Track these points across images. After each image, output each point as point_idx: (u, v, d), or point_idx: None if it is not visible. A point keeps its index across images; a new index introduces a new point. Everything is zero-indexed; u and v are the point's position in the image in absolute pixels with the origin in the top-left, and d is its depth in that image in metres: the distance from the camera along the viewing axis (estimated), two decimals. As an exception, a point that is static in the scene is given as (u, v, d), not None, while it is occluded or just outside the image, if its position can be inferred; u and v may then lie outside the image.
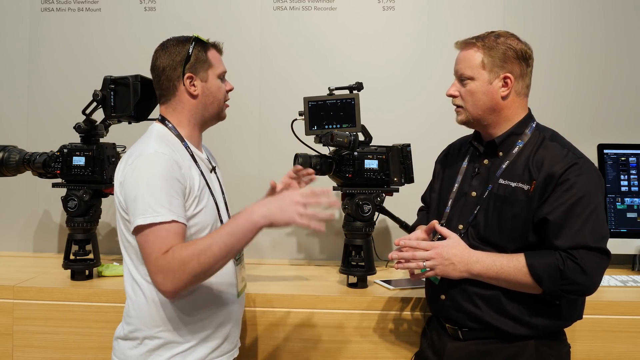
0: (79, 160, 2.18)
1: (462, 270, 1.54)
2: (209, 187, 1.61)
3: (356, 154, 2.13)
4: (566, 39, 2.69)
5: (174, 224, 1.42)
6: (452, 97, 1.65)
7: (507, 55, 1.57)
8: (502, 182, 1.58)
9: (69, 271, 2.18)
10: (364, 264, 2.12)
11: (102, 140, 2.27)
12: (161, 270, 1.38)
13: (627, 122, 2.68)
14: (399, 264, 1.59)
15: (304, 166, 2.08)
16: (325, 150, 2.17)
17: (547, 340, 1.57)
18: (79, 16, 2.78)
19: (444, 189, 1.76)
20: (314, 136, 2.12)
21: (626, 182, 2.49)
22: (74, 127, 2.20)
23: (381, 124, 2.46)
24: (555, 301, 1.54)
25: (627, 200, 2.47)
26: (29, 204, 2.78)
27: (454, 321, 1.63)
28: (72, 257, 2.19)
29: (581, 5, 2.69)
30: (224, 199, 1.71)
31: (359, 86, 2.17)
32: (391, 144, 2.19)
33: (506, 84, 1.58)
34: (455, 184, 1.71)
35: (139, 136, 1.62)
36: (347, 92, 2.15)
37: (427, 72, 2.70)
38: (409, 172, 2.18)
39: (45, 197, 2.75)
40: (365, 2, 2.73)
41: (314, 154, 2.15)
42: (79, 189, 2.18)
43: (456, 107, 1.66)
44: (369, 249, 2.15)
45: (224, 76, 1.68)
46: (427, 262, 1.55)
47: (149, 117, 2.00)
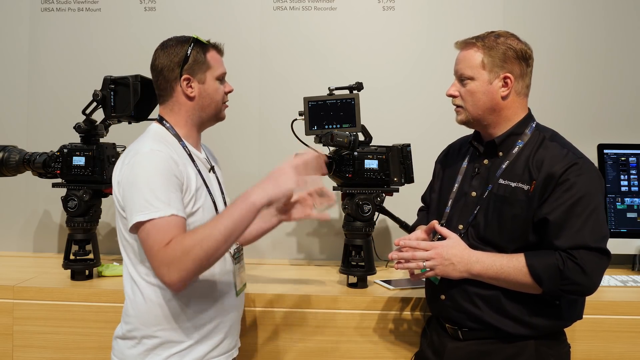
0: (79, 160, 2.18)
1: (462, 270, 1.54)
2: (207, 187, 1.61)
3: (356, 154, 2.13)
4: (566, 39, 2.69)
5: (173, 217, 1.42)
6: (452, 97, 1.65)
7: (507, 55, 1.57)
8: (502, 182, 1.58)
9: (69, 271, 2.18)
10: (364, 264, 2.12)
11: (102, 140, 2.27)
12: (165, 261, 1.37)
13: (627, 122, 2.68)
14: (398, 264, 1.59)
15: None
16: (325, 150, 2.17)
17: (547, 340, 1.57)
18: (79, 16, 2.78)
19: (444, 189, 1.76)
20: (314, 136, 2.12)
21: (626, 182, 2.49)
22: (74, 127, 2.20)
23: (381, 124, 2.46)
24: (555, 301, 1.54)
25: (627, 200, 2.47)
26: (29, 204, 2.78)
27: (454, 321, 1.63)
28: (72, 257, 2.19)
29: (581, 5, 2.69)
30: (224, 198, 1.70)
31: (359, 86, 2.17)
32: (391, 144, 2.19)
33: (506, 84, 1.58)
34: (455, 184, 1.71)
35: (139, 136, 1.62)
36: (347, 92, 2.15)
37: (427, 72, 2.70)
38: (409, 172, 2.18)
39: (45, 197, 2.75)
40: (365, 2, 2.73)
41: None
42: (79, 189, 2.18)
43: (456, 107, 1.66)
44: (369, 249, 2.15)
45: (223, 78, 1.67)
46: (427, 262, 1.55)
47: (149, 117, 2.01)
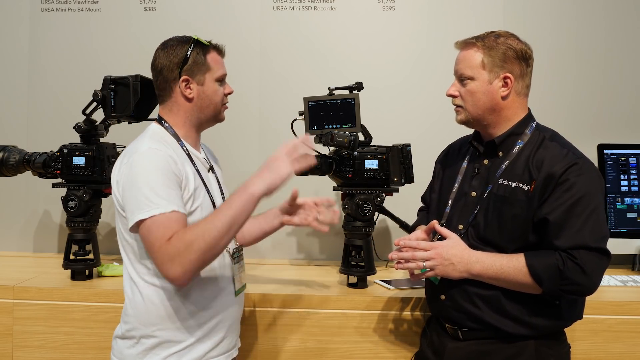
0: (79, 160, 2.18)
1: (461, 270, 1.54)
2: (206, 186, 1.61)
3: (356, 154, 2.13)
4: (566, 39, 2.69)
5: (174, 213, 1.42)
6: (452, 97, 1.65)
7: (507, 55, 1.57)
8: (502, 182, 1.58)
9: (69, 271, 2.18)
10: (364, 264, 2.12)
11: (102, 140, 2.27)
12: (168, 256, 1.37)
13: (627, 122, 2.68)
14: (398, 264, 1.59)
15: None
16: (325, 150, 2.17)
17: (547, 340, 1.57)
18: (79, 16, 2.78)
19: (444, 189, 1.76)
20: (314, 136, 2.12)
21: (626, 182, 2.49)
22: (74, 127, 2.20)
23: (381, 124, 2.46)
24: (555, 301, 1.54)
25: (627, 200, 2.47)
26: (29, 204, 2.78)
27: (454, 321, 1.63)
28: (72, 257, 2.19)
29: (581, 5, 2.69)
30: (223, 198, 1.70)
31: (359, 86, 2.17)
32: (391, 144, 2.19)
33: (506, 84, 1.58)
34: (455, 184, 1.71)
35: (138, 136, 1.62)
36: (347, 92, 2.15)
37: (427, 72, 2.70)
38: (409, 172, 2.18)
39: (45, 197, 2.75)
40: (365, 2, 2.73)
41: (314, 154, 2.14)
42: (79, 189, 2.18)
43: (456, 106, 1.65)
44: (369, 249, 2.15)
45: (223, 79, 1.66)
46: (427, 262, 1.55)
47: (149, 117, 2.01)
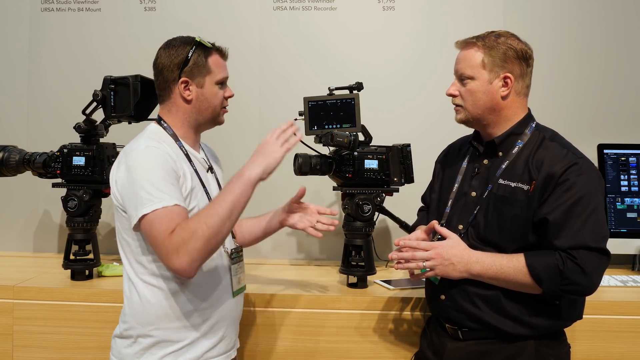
0: (79, 160, 2.18)
1: (461, 270, 1.54)
2: (204, 186, 1.61)
3: (356, 154, 2.13)
4: (566, 39, 2.69)
5: (176, 207, 1.43)
6: (452, 96, 1.65)
7: (507, 55, 1.57)
8: (501, 182, 1.58)
9: (69, 271, 2.18)
10: (364, 264, 2.12)
11: (102, 140, 2.27)
12: (173, 247, 1.38)
13: (627, 122, 2.68)
14: (398, 264, 1.58)
15: (304, 167, 2.09)
16: (325, 150, 2.17)
17: (547, 340, 1.57)
18: (79, 16, 2.78)
19: (444, 189, 1.76)
20: (314, 136, 2.12)
21: (626, 182, 2.49)
22: (74, 127, 2.20)
23: (381, 124, 2.46)
24: (555, 301, 1.54)
25: (627, 200, 2.47)
26: (29, 204, 2.78)
27: (454, 321, 1.63)
28: (72, 257, 2.19)
29: (581, 5, 2.69)
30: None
31: (359, 86, 2.16)
32: (391, 144, 2.19)
33: (506, 84, 1.58)
34: (455, 184, 1.71)
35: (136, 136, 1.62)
36: (347, 92, 2.15)
37: (427, 72, 2.70)
38: (409, 172, 2.18)
39: (45, 197, 2.75)
40: (365, 2, 2.73)
41: (314, 154, 2.15)
42: (79, 189, 2.18)
43: (455, 106, 1.65)
44: (369, 249, 2.15)
45: (224, 82, 1.65)
46: (426, 262, 1.55)
47: (149, 117, 2.00)
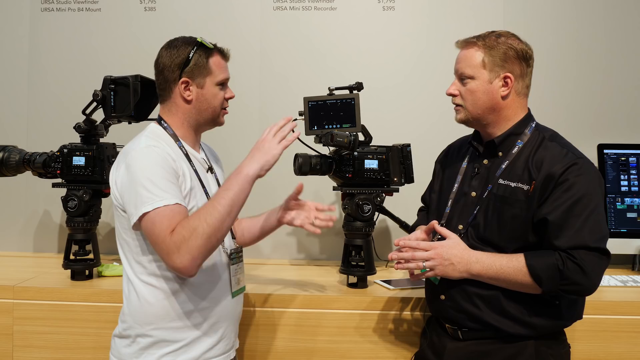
0: (79, 160, 2.18)
1: (461, 270, 1.54)
2: (203, 186, 1.61)
3: (356, 154, 2.13)
4: (566, 39, 2.69)
5: (177, 206, 1.44)
6: (452, 96, 1.65)
7: (507, 55, 1.57)
8: (501, 182, 1.58)
9: (69, 271, 2.18)
10: (364, 264, 2.12)
11: (102, 140, 2.27)
12: (174, 245, 1.38)
13: (627, 122, 2.68)
14: (398, 264, 1.59)
15: (304, 167, 2.09)
16: (325, 150, 2.17)
17: (547, 340, 1.57)
18: (79, 16, 2.78)
19: (443, 189, 1.76)
20: (314, 136, 2.12)
21: (626, 182, 2.49)
22: (74, 127, 2.20)
23: (381, 124, 2.46)
24: (555, 301, 1.54)
25: (627, 200, 2.47)
26: (29, 204, 2.78)
27: (454, 321, 1.63)
28: (72, 257, 2.19)
29: (581, 5, 2.69)
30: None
31: (359, 86, 2.16)
32: (391, 144, 2.19)
33: (506, 84, 1.58)
34: (455, 184, 1.71)
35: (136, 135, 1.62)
36: (347, 92, 2.15)
37: (427, 72, 2.70)
38: (409, 172, 2.18)
39: (45, 197, 2.75)
40: (365, 2, 2.73)
41: (314, 154, 2.15)
42: (79, 189, 2.18)
43: (455, 105, 1.65)
44: (369, 249, 2.15)
45: (225, 83, 1.65)
46: (426, 263, 1.55)
47: (149, 117, 2.00)
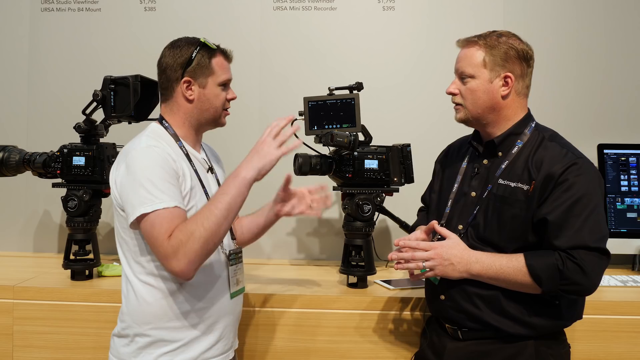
0: (79, 160, 2.18)
1: (461, 270, 1.54)
2: (203, 186, 1.61)
3: (356, 154, 2.13)
4: (566, 39, 2.69)
5: (176, 209, 1.44)
6: (452, 95, 1.65)
7: (508, 54, 1.57)
8: (501, 182, 1.58)
9: (69, 271, 2.18)
10: (364, 264, 2.12)
11: (102, 140, 2.27)
12: (171, 250, 1.39)
13: (627, 122, 2.68)
14: (398, 264, 1.59)
15: (304, 167, 2.09)
16: (325, 150, 2.17)
17: (547, 340, 1.57)
18: (79, 16, 2.78)
19: (443, 189, 1.76)
20: (314, 136, 2.12)
21: (626, 182, 2.49)
22: (74, 127, 2.20)
23: (381, 124, 2.46)
24: (554, 301, 1.54)
25: (627, 200, 2.47)
26: (29, 204, 2.78)
27: (454, 321, 1.63)
28: (72, 257, 2.19)
29: (581, 5, 2.69)
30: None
31: (359, 86, 2.16)
32: (391, 144, 2.19)
33: (507, 84, 1.58)
34: (455, 184, 1.71)
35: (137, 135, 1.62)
36: (347, 92, 2.15)
37: (427, 72, 2.70)
38: (409, 172, 2.18)
39: (45, 197, 2.75)
40: (365, 2, 2.73)
41: (314, 154, 2.15)
42: (79, 189, 2.18)
43: (455, 104, 1.65)
44: (369, 249, 2.14)
45: (227, 84, 1.66)
46: (426, 263, 1.55)
47: (149, 117, 2.01)
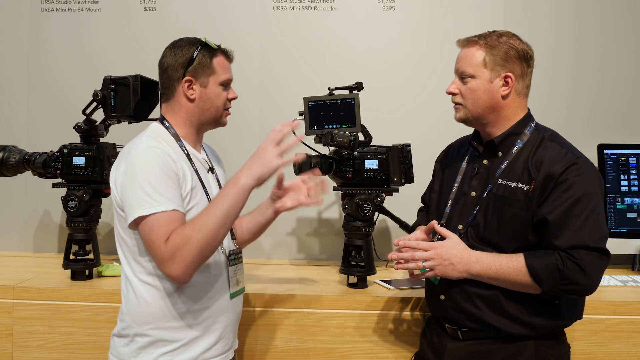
0: (79, 160, 2.18)
1: (461, 270, 1.54)
2: (204, 187, 1.61)
3: (356, 154, 2.13)
4: (566, 39, 2.69)
5: (174, 212, 1.44)
6: (452, 94, 1.65)
7: (508, 54, 1.57)
8: (501, 182, 1.58)
9: (69, 271, 2.18)
10: (364, 264, 2.12)
11: (102, 140, 2.27)
12: (169, 254, 1.39)
13: (627, 122, 2.68)
14: (398, 264, 1.59)
15: (304, 166, 2.09)
16: (325, 150, 2.17)
17: (547, 340, 1.57)
18: (79, 16, 2.78)
19: (443, 189, 1.76)
20: (314, 136, 2.12)
21: (626, 182, 2.49)
22: (74, 127, 2.20)
23: (381, 124, 2.46)
24: (554, 301, 1.54)
25: (627, 200, 2.47)
26: (29, 204, 2.78)
27: (454, 321, 1.63)
28: (72, 257, 2.19)
29: (581, 5, 2.69)
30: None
31: (359, 86, 2.16)
32: (391, 144, 2.19)
33: (507, 84, 1.58)
34: (455, 184, 1.71)
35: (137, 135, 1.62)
36: (347, 92, 2.15)
37: (427, 72, 2.70)
38: (409, 172, 2.18)
39: (45, 197, 2.75)
40: (365, 2, 2.73)
41: (314, 154, 2.15)
42: (79, 189, 2.18)
43: (455, 104, 1.65)
44: (369, 249, 2.15)
45: (228, 84, 1.66)
46: (426, 263, 1.55)
47: (149, 117, 2.01)
